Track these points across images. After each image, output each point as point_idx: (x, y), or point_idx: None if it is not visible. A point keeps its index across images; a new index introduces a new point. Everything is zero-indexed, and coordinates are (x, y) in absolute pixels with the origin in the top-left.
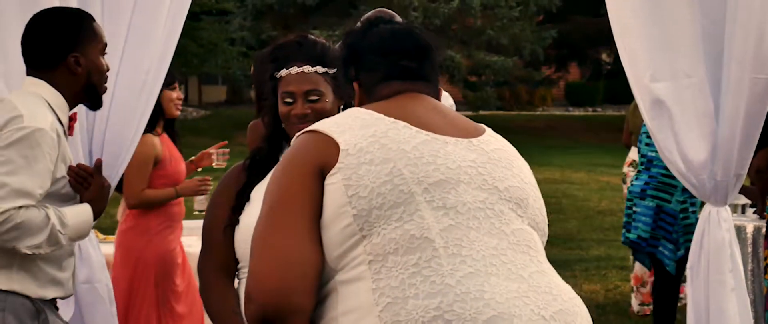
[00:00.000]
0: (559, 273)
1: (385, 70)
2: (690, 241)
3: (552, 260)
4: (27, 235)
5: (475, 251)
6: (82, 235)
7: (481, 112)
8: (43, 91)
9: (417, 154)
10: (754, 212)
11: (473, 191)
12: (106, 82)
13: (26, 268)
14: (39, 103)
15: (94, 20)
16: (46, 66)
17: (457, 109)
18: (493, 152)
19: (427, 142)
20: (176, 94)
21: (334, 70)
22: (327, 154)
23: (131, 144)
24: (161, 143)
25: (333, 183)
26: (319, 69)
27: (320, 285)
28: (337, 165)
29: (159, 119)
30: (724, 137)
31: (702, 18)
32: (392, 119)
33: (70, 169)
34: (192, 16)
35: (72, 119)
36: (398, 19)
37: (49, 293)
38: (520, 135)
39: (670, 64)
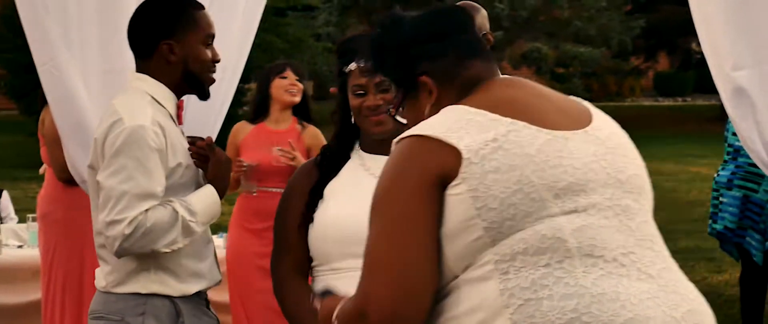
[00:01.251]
0: None
1: (455, 51)
2: None
3: None
4: (161, 235)
5: (607, 251)
6: (213, 217)
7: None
8: (145, 84)
9: (543, 158)
10: None
11: (601, 189)
12: (212, 72)
13: (164, 266)
14: (139, 98)
15: (201, 8)
16: (142, 55)
17: None
18: (608, 139)
19: (550, 142)
20: (288, 81)
21: None
22: (446, 162)
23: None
24: (249, 131)
25: (457, 194)
26: None
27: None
28: (461, 175)
29: (268, 108)
30: None
31: None
32: (510, 120)
33: (191, 149)
34: (278, 12)
35: (179, 108)
36: (483, 11)
37: (192, 288)
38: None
39: (753, 52)
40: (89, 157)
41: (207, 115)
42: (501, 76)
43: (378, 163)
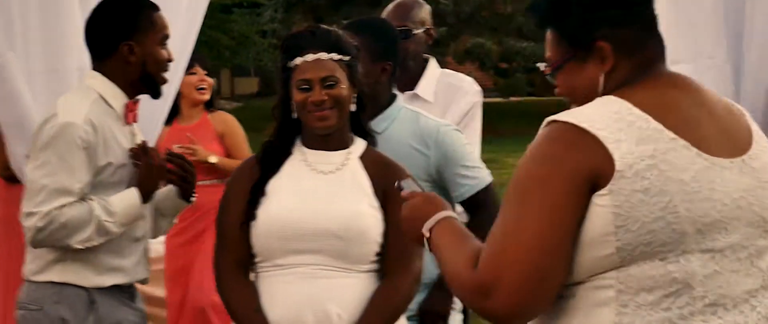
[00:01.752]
0: None
1: (640, 24)
2: None
3: None
4: (74, 232)
5: (729, 299)
6: (133, 219)
7: (512, 98)
8: (96, 83)
9: (695, 187)
10: None
11: (743, 228)
12: (165, 72)
13: (81, 258)
14: (83, 96)
15: (157, 9)
16: (102, 55)
17: (486, 96)
18: (762, 171)
19: (706, 171)
20: (197, 78)
21: (349, 58)
22: (600, 167)
23: (153, 135)
24: (166, 132)
25: (601, 205)
26: (335, 56)
27: None
28: (609, 186)
29: (179, 106)
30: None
31: None
32: (671, 135)
33: (130, 149)
34: (224, 9)
35: (129, 108)
36: (426, 6)
37: (108, 281)
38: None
39: (691, 46)
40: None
41: (151, 113)
42: (665, 69)
43: (320, 158)
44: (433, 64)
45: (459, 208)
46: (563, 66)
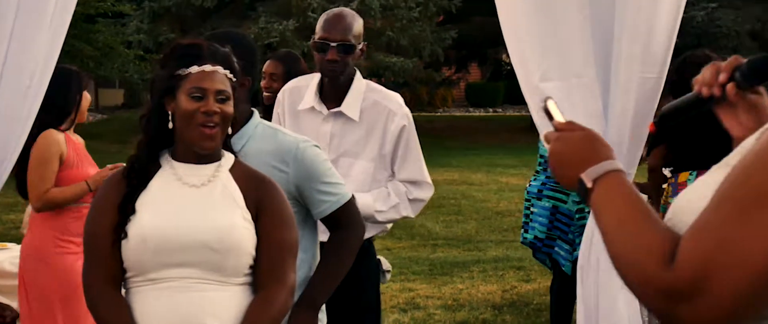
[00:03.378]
0: (457, 274)
1: None
2: None
3: (450, 262)
4: None
5: None
6: None
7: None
8: None
9: None
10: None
11: None
12: None
13: None
14: None
15: None
16: None
17: None
18: None
19: None
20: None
21: (235, 79)
22: None
23: (16, 147)
24: (67, 142)
25: None
26: (228, 73)
27: None
28: None
29: (68, 117)
30: (613, 137)
31: (591, 18)
32: None
33: None
34: (87, 19)
35: None
36: (361, 20)
37: None
38: (420, 136)
39: (560, 65)
40: None
41: (14, 124)
42: None
43: (190, 171)
44: (358, 77)
45: (321, 225)
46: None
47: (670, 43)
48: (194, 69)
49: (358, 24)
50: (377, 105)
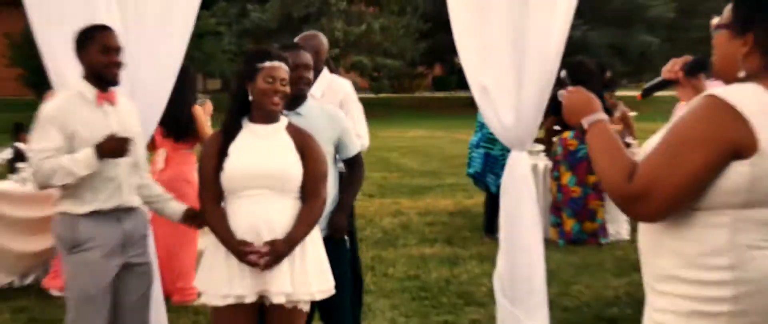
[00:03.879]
0: (426, 194)
1: None
2: None
3: (423, 186)
4: (50, 176)
5: None
6: (89, 165)
7: (381, 95)
8: (75, 81)
9: None
10: (545, 155)
11: None
12: (107, 69)
13: (69, 194)
14: (69, 89)
15: (102, 31)
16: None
17: (361, 93)
18: None
19: None
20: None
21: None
22: (744, 144)
23: (157, 115)
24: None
25: (739, 171)
26: (285, 67)
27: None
28: (751, 161)
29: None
30: (523, 110)
31: (512, 28)
32: None
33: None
34: (198, 36)
35: (100, 97)
36: (324, 39)
37: (86, 209)
38: (404, 109)
39: (491, 66)
40: None
41: (157, 97)
42: None
43: (262, 130)
44: (324, 72)
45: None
46: (721, 30)
47: (559, 53)
48: (267, 63)
49: (324, 43)
50: (333, 84)
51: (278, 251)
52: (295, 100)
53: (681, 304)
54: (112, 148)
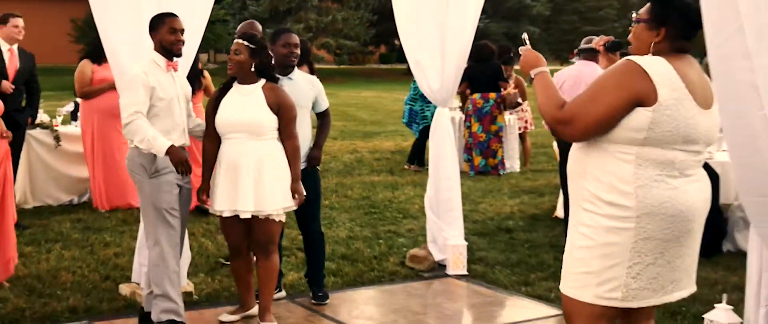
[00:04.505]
0: (375, 137)
1: (683, 34)
2: (428, 125)
3: (372, 132)
4: (133, 134)
5: (685, 171)
6: (158, 152)
7: (341, 66)
8: (150, 54)
9: (690, 122)
10: (460, 110)
11: (701, 145)
12: (174, 45)
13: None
14: (145, 60)
15: (170, 16)
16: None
17: (328, 65)
18: (715, 115)
19: (696, 114)
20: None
21: (254, 46)
22: (649, 96)
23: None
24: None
25: (643, 114)
26: (247, 44)
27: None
28: (652, 108)
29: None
30: (445, 78)
31: (438, 19)
32: (686, 91)
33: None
34: (210, 22)
35: (168, 65)
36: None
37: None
38: (358, 76)
39: (424, 44)
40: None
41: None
42: (686, 56)
43: (244, 89)
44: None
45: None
46: (640, 23)
47: (471, 39)
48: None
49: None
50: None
51: (298, 190)
52: (286, 68)
53: (600, 220)
54: (177, 159)
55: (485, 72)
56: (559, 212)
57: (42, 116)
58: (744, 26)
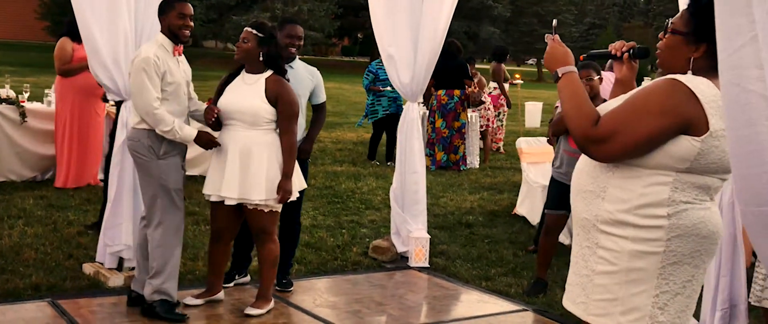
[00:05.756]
0: (337, 126)
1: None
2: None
3: (334, 122)
4: (158, 123)
5: (715, 196)
6: (184, 141)
7: (305, 56)
8: (158, 37)
9: (727, 152)
10: (424, 105)
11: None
12: (181, 30)
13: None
14: (154, 43)
15: (180, 1)
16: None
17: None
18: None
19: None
20: None
21: (262, 36)
22: (695, 123)
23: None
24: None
25: (691, 143)
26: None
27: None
28: (701, 138)
29: None
30: (416, 73)
31: (412, 16)
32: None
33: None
34: None
35: (175, 49)
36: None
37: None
38: (321, 67)
39: (397, 37)
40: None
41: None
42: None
43: (249, 78)
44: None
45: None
46: (676, 35)
47: (444, 35)
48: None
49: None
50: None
51: (284, 187)
52: (290, 58)
53: (624, 244)
54: (206, 141)
55: (451, 69)
56: (519, 209)
57: (8, 92)
58: (758, 36)
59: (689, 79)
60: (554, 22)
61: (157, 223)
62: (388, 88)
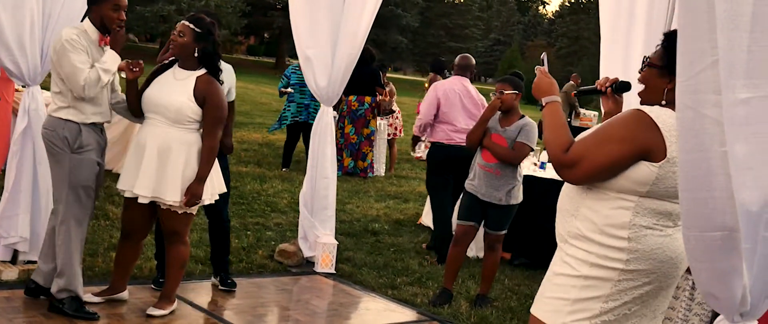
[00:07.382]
0: (242, 128)
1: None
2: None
3: (238, 122)
4: (98, 80)
5: (677, 222)
6: (116, 60)
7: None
8: (84, 24)
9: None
10: (333, 110)
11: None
12: (114, 23)
13: (72, 107)
14: (76, 28)
15: None
16: (88, 14)
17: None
18: None
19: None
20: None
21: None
22: (657, 150)
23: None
24: None
25: (649, 169)
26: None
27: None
28: (659, 164)
29: None
30: (334, 77)
31: (332, 18)
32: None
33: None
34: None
35: (101, 40)
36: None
37: (89, 119)
38: (234, 66)
39: (316, 39)
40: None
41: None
42: None
43: (180, 73)
44: None
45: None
46: (652, 68)
47: (363, 41)
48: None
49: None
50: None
51: (194, 191)
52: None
53: (587, 256)
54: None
55: (363, 75)
56: (424, 220)
57: None
58: (719, 61)
59: (653, 109)
60: (543, 55)
61: (62, 218)
62: (290, 90)
